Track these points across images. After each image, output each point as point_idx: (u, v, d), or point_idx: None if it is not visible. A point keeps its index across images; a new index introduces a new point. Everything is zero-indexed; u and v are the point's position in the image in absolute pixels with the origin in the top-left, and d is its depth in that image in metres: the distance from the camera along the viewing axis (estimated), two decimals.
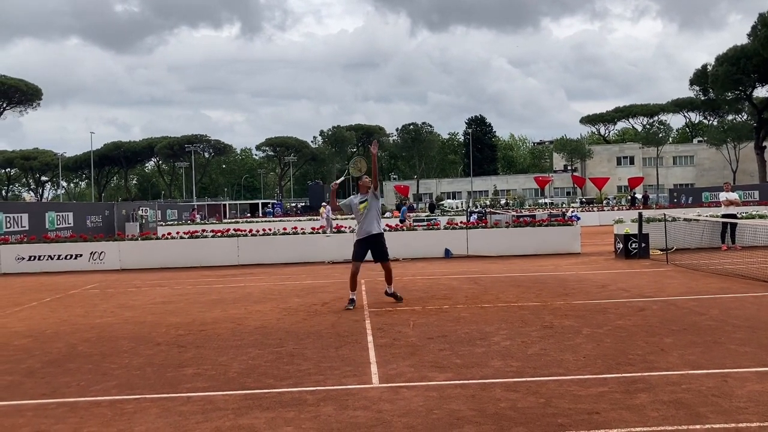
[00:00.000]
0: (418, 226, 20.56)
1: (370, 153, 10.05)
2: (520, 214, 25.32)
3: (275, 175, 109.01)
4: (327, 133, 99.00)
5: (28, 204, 43.82)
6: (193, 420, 4.71)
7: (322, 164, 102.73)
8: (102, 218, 32.54)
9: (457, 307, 9.29)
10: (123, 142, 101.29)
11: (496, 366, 5.94)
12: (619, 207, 48.80)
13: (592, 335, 7.13)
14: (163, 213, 43.65)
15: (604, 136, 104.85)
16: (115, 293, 12.46)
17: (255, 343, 7.28)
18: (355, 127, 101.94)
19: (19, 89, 64.88)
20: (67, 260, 17.58)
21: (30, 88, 66.34)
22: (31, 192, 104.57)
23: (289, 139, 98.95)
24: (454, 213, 41.01)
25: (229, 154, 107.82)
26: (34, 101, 67.50)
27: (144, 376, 6.01)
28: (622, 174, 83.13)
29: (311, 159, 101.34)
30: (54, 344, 7.64)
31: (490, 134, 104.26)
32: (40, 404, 5.25)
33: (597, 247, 19.46)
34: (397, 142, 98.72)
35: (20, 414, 5.01)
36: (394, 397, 5.08)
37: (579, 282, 11.74)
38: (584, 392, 5.05)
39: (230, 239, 18.15)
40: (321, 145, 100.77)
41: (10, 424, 4.78)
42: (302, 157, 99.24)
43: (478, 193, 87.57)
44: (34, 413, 5.03)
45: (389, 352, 6.59)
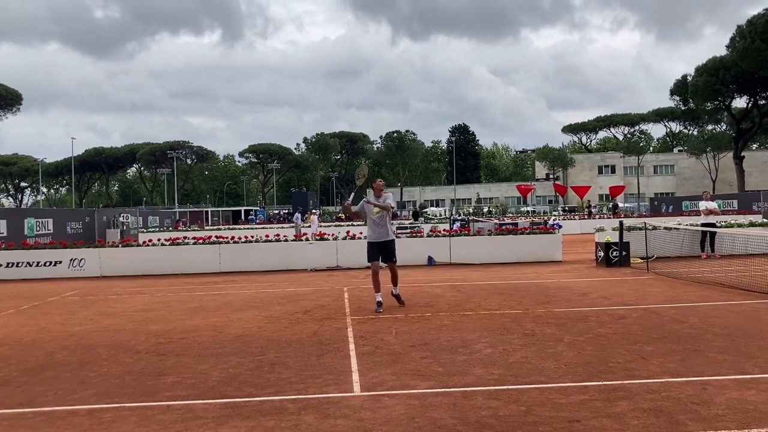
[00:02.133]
0: (401, 234, 20.57)
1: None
2: (502, 222, 25.41)
3: (258, 182, 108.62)
4: (310, 140, 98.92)
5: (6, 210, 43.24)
6: (172, 429, 4.67)
7: (306, 171, 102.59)
8: (82, 225, 32.18)
9: (440, 315, 9.29)
10: (104, 148, 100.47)
11: (477, 374, 5.94)
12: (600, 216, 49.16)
13: (574, 343, 7.16)
14: (144, 220, 43.28)
15: (586, 145, 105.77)
16: (95, 300, 12.32)
17: (236, 352, 7.23)
18: (339, 135, 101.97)
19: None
20: (47, 267, 17.37)
21: (9, 93, 65.66)
22: (9, 198, 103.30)
23: (273, 146, 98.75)
24: (438, 221, 41.08)
25: (211, 160, 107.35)
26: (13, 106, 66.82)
27: (123, 385, 5.94)
28: (604, 183, 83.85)
29: (294, 166, 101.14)
30: (31, 352, 7.53)
31: (473, 142, 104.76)
32: (17, 413, 5.17)
33: (578, 255, 19.58)
34: (381, 150, 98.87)
35: None
36: (375, 406, 5.06)
37: (560, 290, 11.80)
38: (565, 400, 5.06)
39: (212, 246, 18.04)
40: (304, 152, 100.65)
41: None
42: (285, 164, 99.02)
43: (461, 201, 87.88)
44: (10, 423, 4.95)
45: (371, 360, 6.57)
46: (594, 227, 19.34)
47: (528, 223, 23.23)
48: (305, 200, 74.23)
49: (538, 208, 76.15)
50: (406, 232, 22.17)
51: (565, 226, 33.16)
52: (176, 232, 33.79)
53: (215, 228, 40.30)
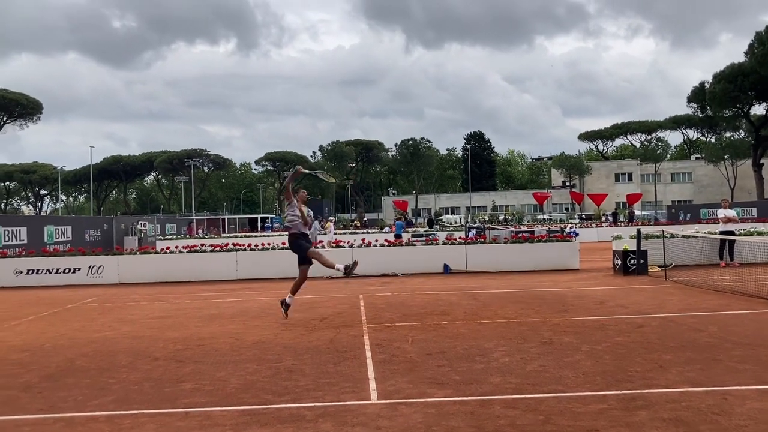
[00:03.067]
0: (416, 242, 20.57)
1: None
2: (518, 230, 25.32)
3: (274, 189, 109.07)
4: (326, 148, 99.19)
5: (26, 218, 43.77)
6: None
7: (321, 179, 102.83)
8: (101, 232, 32.49)
9: (456, 323, 9.27)
10: (122, 156, 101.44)
11: (495, 382, 5.92)
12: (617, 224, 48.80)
13: (591, 352, 7.12)
14: (162, 227, 43.62)
15: (603, 153, 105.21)
16: (113, 307, 12.43)
17: (253, 359, 7.26)
18: (354, 143, 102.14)
19: (20, 103, 65.09)
20: (66, 274, 17.55)
21: (30, 102, 66.56)
22: (29, 205, 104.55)
23: (289, 153, 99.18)
24: (453, 228, 41.00)
25: (228, 168, 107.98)
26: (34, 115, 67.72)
27: (142, 391, 5.98)
28: (621, 190, 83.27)
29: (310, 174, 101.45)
30: (51, 359, 7.61)
31: (488, 150, 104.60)
32: (38, 419, 5.22)
33: (595, 263, 19.46)
34: (396, 158, 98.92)
35: (17, 429, 4.99)
36: (392, 414, 5.06)
37: (578, 298, 11.73)
38: (583, 409, 5.03)
39: (229, 254, 18.14)
40: (320, 160, 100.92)
41: None
42: None
43: (476, 209, 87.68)
44: (32, 428, 5.00)
45: (388, 368, 6.57)
46: (611, 235, 19.23)
47: (544, 231, 23.13)
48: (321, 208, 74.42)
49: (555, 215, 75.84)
50: (421, 239, 22.16)
51: (582, 234, 32.98)
52: (193, 239, 33.98)
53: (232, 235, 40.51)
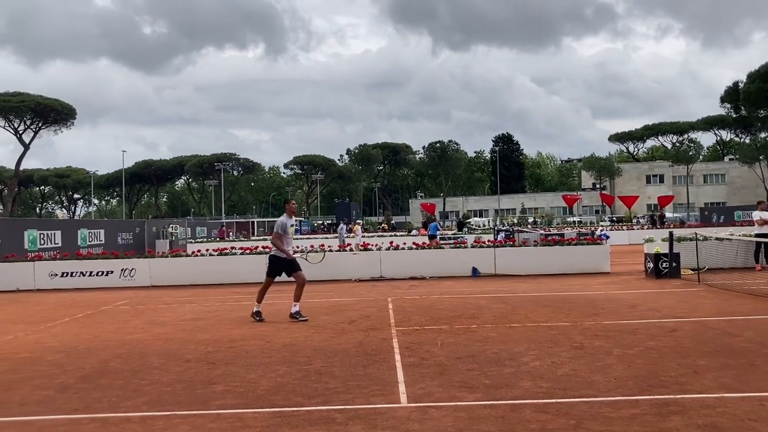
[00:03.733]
0: (445, 245, 20.52)
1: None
2: (548, 233, 25.12)
3: (303, 192, 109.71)
4: (353, 151, 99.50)
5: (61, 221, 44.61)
6: None
7: (349, 182, 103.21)
8: (133, 235, 33.01)
9: (486, 327, 9.23)
10: (153, 161, 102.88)
11: (525, 387, 5.88)
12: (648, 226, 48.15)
13: (623, 356, 7.03)
14: (192, 230, 44.15)
15: (633, 155, 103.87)
16: (145, 310, 12.61)
17: (283, 361, 7.31)
18: (382, 146, 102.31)
19: (54, 109, 66.40)
20: (99, 277, 17.84)
21: (65, 108, 67.85)
22: (63, 209, 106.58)
23: (317, 157, 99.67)
24: (481, 231, 40.80)
25: (257, 172, 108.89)
26: (68, 120, 69.01)
27: (174, 393, 6.06)
28: (652, 192, 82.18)
29: (338, 177, 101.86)
30: (86, 360, 7.74)
31: (517, 152, 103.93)
32: (73, 419, 5.32)
33: (627, 266, 19.21)
34: (423, 160, 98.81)
35: (54, 429, 5.09)
36: (422, 417, 5.05)
37: (609, 302, 11.60)
38: (616, 414, 4.97)
39: (258, 257, 18.25)
40: (348, 163, 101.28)
41: None
42: (329, 175, 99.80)
43: (505, 211, 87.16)
44: (67, 428, 5.10)
45: (417, 372, 6.56)
46: (642, 238, 18.97)
47: (574, 233, 22.92)
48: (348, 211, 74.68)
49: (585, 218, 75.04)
50: (449, 242, 22.10)
51: (613, 237, 32.61)
52: (223, 242, 34.32)
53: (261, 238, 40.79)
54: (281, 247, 10.58)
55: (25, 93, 66.18)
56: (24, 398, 6.03)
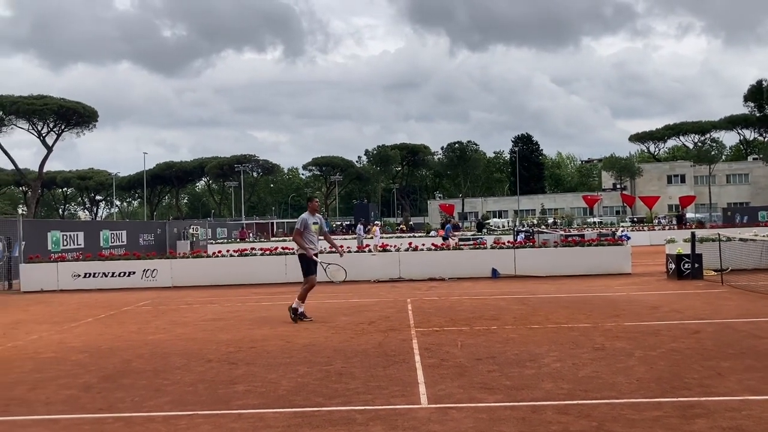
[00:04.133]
0: (464, 246, 20.47)
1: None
2: (568, 234, 24.96)
3: (321, 194, 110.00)
4: (372, 152, 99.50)
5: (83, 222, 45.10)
6: None
7: (367, 183, 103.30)
8: (154, 236, 33.31)
9: (506, 328, 9.20)
10: (174, 162, 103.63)
11: (546, 388, 5.86)
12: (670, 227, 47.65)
13: (645, 358, 6.97)
14: (213, 231, 44.46)
15: (654, 155, 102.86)
16: (167, 310, 12.72)
17: (304, 361, 7.34)
18: (400, 146, 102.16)
19: (77, 111, 67.10)
20: (121, 277, 18.03)
21: (87, 110, 68.53)
22: (86, 211, 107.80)
23: (335, 158, 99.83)
24: (501, 232, 40.63)
25: (276, 173, 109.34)
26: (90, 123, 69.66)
27: (196, 393, 6.11)
28: (673, 193, 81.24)
29: (356, 178, 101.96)
30: (109, 360, 7.83)
31: (537, 152, 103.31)
32: (97, 418, 5.39)
33: (648, 267, 19.03)
34: (442, 161, 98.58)
35: (78, 428, 5.16)
36: (443, 418, 5.05)
37: (630, 303, 11.51)
38: (638, 416, 4.93)
39: (278, 257, 18.36)
40: (366, 165, 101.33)
41: None
42: (348, 176, 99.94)
43: (524, 212, 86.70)
44: (91, 427, 5.16)
45: (437, 373, 6.56)
46: (664, 239, 18.79)
47: (595, 234, 22.75)
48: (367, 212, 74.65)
49: (605, 219, 74.42)
50: (469, 243, 22.04)
51: (634, 238, 32.32)
52: (243, 243, 34.52)
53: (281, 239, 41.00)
54: (301, 243, 10.51)
55: (48, 96, 66.97)
56: (49, 397, 6.11)
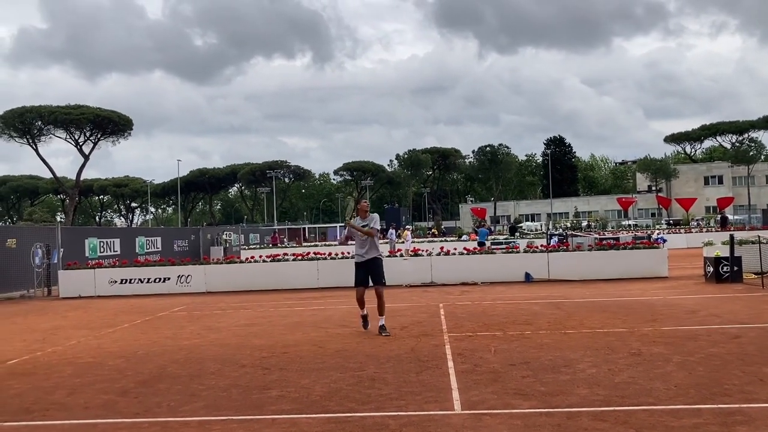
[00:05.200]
0: (496, 250, 20.33)
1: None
2: (603, 237, 24.64)
3: (352, 198, 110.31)
4: (402, 156, 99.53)
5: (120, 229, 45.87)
6: None
7: (398, 187, 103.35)
8: (188, 242, 33.73)
9: (540, 333, 9.10)
10: (207, 169, 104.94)
11: (582, 394, 5.77)
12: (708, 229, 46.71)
13: (684, 363, 6.83)
14: (246, 237, 44.87)
15: (690, 155, 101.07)
16: (201, 315, 12.86)
17: (336, 366, 7.35)
18: (431, 150, 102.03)
19: (112, 120, 68.39)
20: (156, 283, 18.29)
21: (122, 119, 69.81)
22: (122, 218, 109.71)
23: (366, 163, 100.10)
24: (534, 236, 40.28)
25: (308, 179, 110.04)
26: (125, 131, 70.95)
27: (230, 398, 6.16)
28: (711, 194, 79.69)
29: (387, 182, 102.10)
30: (145, 365, 7.94)
31: (569, 155, 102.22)
32: (134, 423, 5.46)
33: (685, 270, 18.68)
34: (473, 164, 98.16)
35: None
36: (477, 425, 5.01)
37: (667, 307, 11.30)
38: (677, 423, 4.83)
39: (310, 262, 18.45)
40: (397, 169, 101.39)
41: None
42: (378, 180, 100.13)
43: (557, 215, 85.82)
44: (129, 431, 5.23)
45: (471, 378, 6.51)
46: (701, 241, 18.42)
47: (630, 237, 22.42)
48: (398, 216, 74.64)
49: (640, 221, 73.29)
50: (501, 247, 21.89)
51: (670, 240, 31.77)
52: (276, 248, 34.78)
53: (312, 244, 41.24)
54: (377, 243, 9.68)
55: (85, 106, 68.40)
56: (87, 401, 6.22)
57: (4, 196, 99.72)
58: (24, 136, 66.12)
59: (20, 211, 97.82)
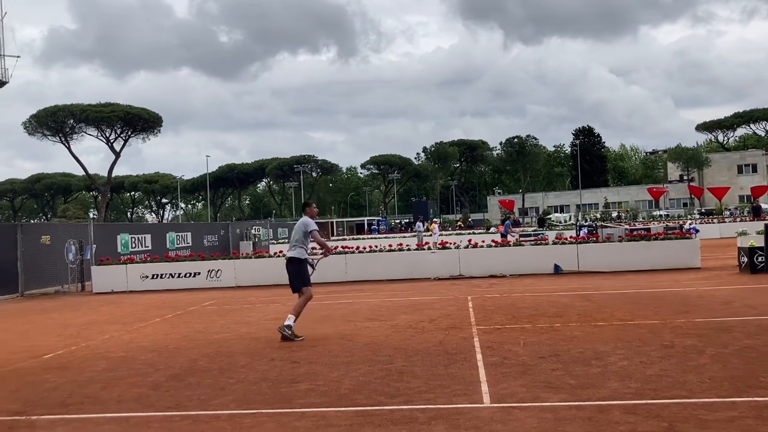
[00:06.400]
0: (525, 242, 20.18)
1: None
2: (633, 228, 24.31)
3: (380, 192, 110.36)
4: (429, 149, 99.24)
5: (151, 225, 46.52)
6: None
7: (426, 180, 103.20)
8: (218, 237, 34.09)
9: (570, 326, 9.01)
10: (236, 164, 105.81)
11: (613, 387, 5.70)
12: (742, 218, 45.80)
13: (718, 355, 6.70)
14: (274, 231, 45.17)
15: (723, 144, 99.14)
16: (231, 310, 12.98)
17: (365, 360, 7.36)
18: (458, 143, 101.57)
19: (142, 117, 69.26)
20: (187, 278, 18.50)
21: (151, 116, 70.65)
22: (152, 213, 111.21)
23: (393, 156, 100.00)
24: (563, 227, 39.89)
25: (335, 173, 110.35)
26: (155, 128, 71.78)
27: (260, 391, 6.20)
28: (744, 183, 78.11)
29: (414, 176, 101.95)
30: (176, 359, 8.04)
31: (598, 145, 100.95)
32: (166, 416, 5.53)
33: (719, 261, 18.35)
34: (501, 156, 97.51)
35: (148, 425, 5.30)
36: (506, 418, 4.97)
37: (700, 298, 11.11)
38: (711, 417, 4.75)
39: (338, 256, 18.48)
40: (424, 162, 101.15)
41: None
42: (406, 174, 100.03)
43: (587, 206, 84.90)
44: (160, 425, 5.30)
45: (500, 371, 6.47)
46: (735, 231, 18.07)
47: (662, 227, 22.08)
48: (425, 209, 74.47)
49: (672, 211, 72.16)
50: (530, 239, 21.72)
51: (703, 230, 31.23)
52: None
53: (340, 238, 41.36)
54: (324, 242, 9.67)
55: (115, 103, 69.36)
56: (120, 395, 6.31)
57: (39, 193, 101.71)
58: (57, 134, 67.28)
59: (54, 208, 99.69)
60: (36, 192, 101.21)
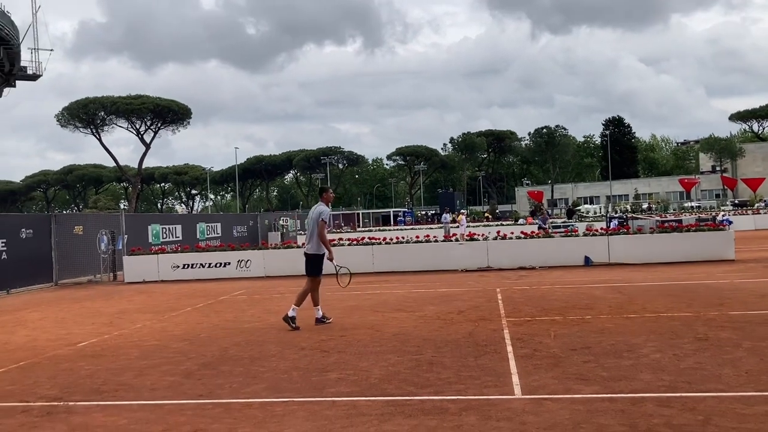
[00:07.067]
0: (555, 233, 20.01)
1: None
2: (664, 219, 23.95)
3: (406, 183, 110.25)
4: (456, 140, 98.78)
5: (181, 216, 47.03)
6: (338, 424, 4.83)
7: (452, 171, 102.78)
8: (247, 228, 34.34)
9: (601, 318, 8.91)
10: (264, 156, 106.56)
11: (646, 379, 5.63)
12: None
13: (755, 349, 6.58)
14: (301, 222, 45.37)
15: (758, 134, 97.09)
16: (260, 299, 13.09)
17: (394, 350, 7.37)
18: (485, 133, 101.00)
19: (172, 109, 70.05)
20: (217, 268, 18.68)
21: (181, 108, 71.41)
22: (182, 204, 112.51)
23: (419, 147, 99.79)
24: (593, 219, 39.48)
25: (361, 164, 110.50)
26: (184, 120, 72.57)
27: (291, 380, 6.24)
28: None
29: (441, 167, 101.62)
30: (208, 348, 8.12)
31: (629, 135, 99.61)
32: (199, 404, 5.59)
33: (754, 253, 18.02)
34: (529, 147, 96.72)
35: (181, 412, 5.37)
36: (538, 409, 4.94)
37: (735, 291, 10.91)
38: (749, 411, 4.66)
39: (365, 247, 18.52)
40: (450, 153, 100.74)
41: (173, 421, 5.14)
42: (432, 165, 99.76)
43: (617, 198, 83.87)
44: (193, 412, 5.36)
45: (530, 363, 6.43)
46: None
47: (694, 219, 21.74)
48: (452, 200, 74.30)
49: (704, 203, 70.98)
50: (560, 231, 21.53)
51: (737, 222, 30.65)
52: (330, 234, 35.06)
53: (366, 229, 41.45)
54: (326, 239, 9.80)
55: (145, 96, 70.24)
56: (154, 383, 6.40)
57: (71, 184, 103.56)
58: (88, 126, 68.38)
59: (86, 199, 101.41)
60: (68, 183, 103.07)
